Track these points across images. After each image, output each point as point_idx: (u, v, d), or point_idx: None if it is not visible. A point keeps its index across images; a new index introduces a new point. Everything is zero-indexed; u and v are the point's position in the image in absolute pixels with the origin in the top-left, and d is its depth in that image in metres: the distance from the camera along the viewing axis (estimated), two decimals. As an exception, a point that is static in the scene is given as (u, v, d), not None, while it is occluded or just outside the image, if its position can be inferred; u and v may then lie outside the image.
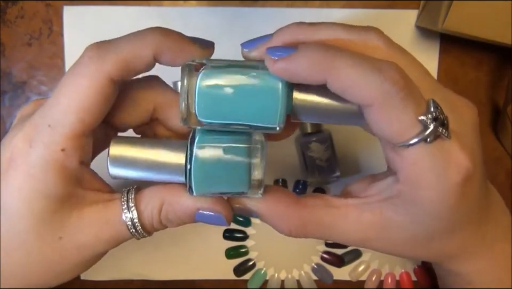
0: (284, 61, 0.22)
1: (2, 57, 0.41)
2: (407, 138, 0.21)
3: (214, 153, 0.24)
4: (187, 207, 0.25)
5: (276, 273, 0.42)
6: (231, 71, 0.22)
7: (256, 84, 0.22)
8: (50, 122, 0.24)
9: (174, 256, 0.42)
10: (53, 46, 0.40)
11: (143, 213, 0.25)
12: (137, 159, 0.25)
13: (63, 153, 0.24)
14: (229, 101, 0.22)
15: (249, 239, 0.42)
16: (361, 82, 0.21)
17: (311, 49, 0.22)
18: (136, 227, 0.25)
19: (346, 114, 0.23)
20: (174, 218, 0.26)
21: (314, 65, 0.21)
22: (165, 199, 0.25)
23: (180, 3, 0.40)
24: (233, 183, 0.24)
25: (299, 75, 0.22)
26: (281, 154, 0.41)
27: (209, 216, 0.25)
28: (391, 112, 0.21)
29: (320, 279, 0.42)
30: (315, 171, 0.39)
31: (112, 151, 0.25)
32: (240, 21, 0.40)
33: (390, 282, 0.42)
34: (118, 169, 0.25)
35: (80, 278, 0.43)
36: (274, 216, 0.26)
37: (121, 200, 0.25)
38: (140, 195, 0.26)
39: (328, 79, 0.21)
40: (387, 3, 0.40)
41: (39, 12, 0.40)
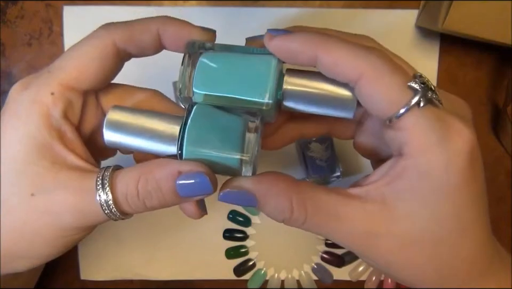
0: (280, 37, 0.23)
1: (2, 57, 0.41)
2: (400, 106, 0.22)
3: (210, 115, 0.24)
4: (167, 172, 0.24)
5: (276, 273, 0.42)
6: (231, 50, 0.25)
7: (251, 60, 0.24)
8: (51, 69, 0.25)
9: (174, 256, 0.42)
10: (53, 46, 0.40)
11: (117, 190, 0.24)
12: (133, 124, 0.25)
13: (51, 97, 0.24)
14: (224, 74, 0.24)
15: (249, 239, 0.42)
16: (350, 56, 0.22)
17: (306, 30, 0.24)
18: (110, 207, 0.24)
19: (337, 101, 0.24)
20: (153, 189, 0.24)
21: (307, 42, 0.23)
22: (143, 172, 0.24)
23: (179, 3, 0.40)
24: (225, 146, 0.24)
25: (292, 51, 0.23)
26: (281, 154, 0.41)
27: (192, 184, 0.24)
28: (380, 81, 0.22)
29: (320, 279, 0.42)
30: (315, 171, 0.39)
31: (110, 114, 0.25)
32: (240, 21, 0.40)
33: (390, 282, 0.42)
34: (113, 133, 0.25)
35: (80, 278, 0.43)
36: (272, 195, 0.25)
37: (96, 177, 0.24)
38: (116, 173, 0.25)
39: (319, 55, 0.23)
40: (387, 3, 0.40)
41: (39, 12, 0.40)
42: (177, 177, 0.24)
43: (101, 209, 0.24)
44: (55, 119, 0.24)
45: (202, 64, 0.24)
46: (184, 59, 0.24)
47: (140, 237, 0.42)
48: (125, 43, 0.25)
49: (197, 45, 0.25)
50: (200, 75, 0.24)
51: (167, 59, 0.29)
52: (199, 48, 0.25)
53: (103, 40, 0.25)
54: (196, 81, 0.24)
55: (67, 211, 0.24)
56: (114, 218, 0.25)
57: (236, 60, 0.24)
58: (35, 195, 0.24)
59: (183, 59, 0.24)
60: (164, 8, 0.40)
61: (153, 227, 0.42)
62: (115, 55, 0.25)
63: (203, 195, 0.24)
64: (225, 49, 0.25)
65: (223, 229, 0.42)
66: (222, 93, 0.24)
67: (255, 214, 0.42)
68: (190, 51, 0.24)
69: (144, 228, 0.42)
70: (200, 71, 0.24)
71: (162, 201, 0.24)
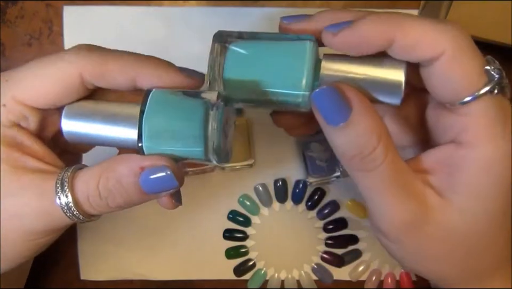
0: (346, 30, 0.22)
1: (2, 57, 0.41)
2: (474, 90, 0.21)
3: (168, 102, 0.23)
4: (129, 168, 0.23)
5: (276, 273, 0.42)
6: (262, 38, 0.23)
7: (283, 46, 0.22)
8: (10, 77, 0.24)
9: (174, 256, 0.42)
10: (53, 46, 0.40)
11: (77, 191, 0.23)
12: (92, 112, 0.24)
13: (2, 108, 0.23)
14: (255, 65, 0.22)
15: (249, 239, 0.42)
16: (432, 33, 0.21)
17: (375, 15, 0.22)
18: (71, 209, 0.23)
19: (383, 87, 0.22)
20: (114, 187, 0.23)
21: (381, 25, 0.21)
22: (103, 169, 0.23)
23: (179, 3, 0.40)
24: (186, 137, 0.22)
25: (363, 40, 0.21)
26: (281, 154, 0.41)
27: (156, 179, 0.23)
28: (461, 60, 0.21)
29: (320, 279, 0.42)
30: (315, 171, 0.39)
31: (68, 105, 0.24)
32: (240, 21, 0.40)
33: (390, 282, 0.42)
34: (71, 121, 0.24)
35: (80, 278, 0.43)
36: (368, 117, 0.22)
37: (56, 179, 0.23)
38: (78, 173, 0.24)
39: (397, 37, 0.21)
40: (387, 4, 0.40)
41: (39, 12, 0.40)
42: (140, 173, 0.23)
43: (61, 211, 0.23)
44: (7, 127, 0.24)
45: (232, 55, 0.22)
46: (213, 50, 0.23)
47: (139, 237, 0.42)
48: (94, 78, 0.24)
49: (225, 34, 0.23)
50: (231, 66, 0.22)
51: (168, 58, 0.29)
52: (228, 37, 0.23)
53: (70, 68, 0.23)
54: (227, 72, 0.22)
55: (31, 214, 0.23)
56: (78, 220, 0.24)
57: (268, 48, 0.22)
58: (1, 199, 0.23)
59: (212, 49, 0.23)
60: (164, 8, 0.40)
61: (153, 228, 0.42)
62: (80, 85, 0.24)
63: (169, 190, 0.23)
64: (256, 37, 0.23)
65: (223, 229, 0.42)
66: (254, 85, 0.22)
67: (255, 214, 0.42)
68: (218, 40, 0.23)
69: (144, 228, 0.42)
70: (231, 62, 0.22)
71: (127, 199, 0.23)
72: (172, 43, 0.40)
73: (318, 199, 0.41)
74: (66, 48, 0.40)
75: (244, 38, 0.23)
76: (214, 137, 0.22)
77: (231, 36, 0.23)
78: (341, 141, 0.22)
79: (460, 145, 0.22)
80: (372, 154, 0.21)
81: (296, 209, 0.42)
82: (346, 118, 0.21)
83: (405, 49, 0.21)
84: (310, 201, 0.41)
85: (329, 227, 0.42)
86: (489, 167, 0.21)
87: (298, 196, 0.41)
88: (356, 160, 0.22)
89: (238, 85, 0.22)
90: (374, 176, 0.22)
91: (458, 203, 0.22)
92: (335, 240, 0.42)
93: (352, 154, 0.22)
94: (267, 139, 0.41)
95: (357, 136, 0.21)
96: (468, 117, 0.21)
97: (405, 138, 0.27)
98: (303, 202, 0.42)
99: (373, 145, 0.21)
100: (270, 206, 0.42)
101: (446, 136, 0.23)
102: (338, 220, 0.42)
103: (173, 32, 0.40)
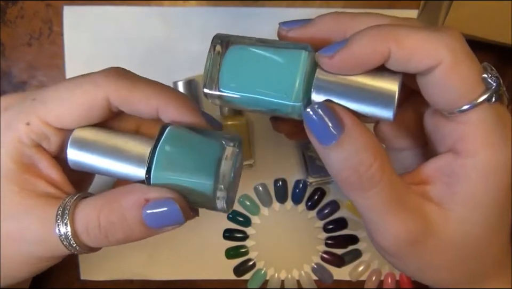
0: (342, 50, 0.21)
1: (2, 57, 0.41)
2: (471, 99, 0.20)
3: (184, 138, 0.23)
4: (134, 201, 0.22)
5: (276, 273, 0.42)
6: (260, 44, 0.23)
7: (280, 55, 0.22)
8: (37, 96, 0.24)
9: (174, 256, 0.42)
10: (53, 46, 0.40)
11: (77, 221, 0.22)
12: (100, 143, 0.24)
13: (26, 127, 0.24)
14: (250, 71, 0.22)
15: (249, 239, 0.42)
16: (428, 43, 0.20)
17: (367, 30, 0.21)
18: (68, 239, 0.22)
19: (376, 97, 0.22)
20: (117, 219, 0.22)
21: (376, 40, 0.21)
22: (106, 201, 0.23)
23: (179, 3, 0.40)
24: (197, 171, 0.22)
25: (360, 57, 0.21)
26: (281, 154, 0.41)
27: (160, 213, 0.22)
28: (459, 69, 0.20)
29: (320, 279, 0.42)
30: (315, 171, 0.39)
31: (75, 132, 0.24)
32: (240, 21, 0.40)
33: (390, 282, 0.42)
34: (77, 151, 0.24)
35: (80, 278, 0.43)
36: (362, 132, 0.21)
37: (58, 206, 0.23)
38: (80, 202, 0.23)
39: (393, 48, 0.21)
40: (387, 3, 0.40)
41: (39, 12, 0.40)
42: (144, 206, 0.22)
43: (59, 240, 0.22)
44: (27, 147, 0.24)
45: (228, 60, 0.22)
46: (210, 53, 0.23)
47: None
48: (119, 103, 0.24)
49: (224, 37, 0.23)
50: (226, 71, 0.22)
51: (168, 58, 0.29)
52: (227, 40, 0.23)
53: (97, 91, 0.23)
54: (222, 78, 0.22)
55: (30, 239, 0.23)
56: (75, 251, 0.23)
57: (264, 56, 0.22)
58: (2, 220, 0.23)
59: (209, 52, 0.23)
60: (164, 8, 0.40)
61: (153, 227, 0.42)
62: (105, 108, 0.24)
63: (173, 225, 0.23)
64: (254, 43, 0.23)
65: (223, 229, 0.42)
66: (248, 92, 0.22)
67: (255, 214, 0.42)
68: (216, 43, 0.23)
69: (144, 228, 0.42)
70: (226, 68, 0.22)
71: (128, 233, 0.23)
72: (172, 43, 0.40)
73: (318, 199, 0.41)
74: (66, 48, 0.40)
75: (243, 43, 0.23)
76: (226, 174, 0.22)
77: (230, 39, 0.23)
78: (335, 160, 0.21)
79: (458, 154, 0.22)
80: (368, 172, 0.21)
81: (296, 209, 0.42)
82: (338, 136, 0.21)
83: (401, 61, 0.21)
84: (310, 201, 0.41)
85: (329, 227, 0.42)
86: (488, 175, 0.21)
87: (298, 196, 0.41)
88: (352, 179, 0.21)
89: (233, 89, 0.22)
90: (372, 196, 0.21)
91: (458, 213, 0.22)
92: (335, 240, 0.42)
93: (347, 173, 0.21)
94: (267, 139, 0.41)
95: (351, 153, 0.21)
96: (466, 125, 0.21)
97: (402, 141, 0.27)
98: (303, 202, 0.42)
99: (369, 163, 0.21)
100: (270, 206, 0.42)
101: (443, 143, 0.23)
102: (338, 220, 0.42)
103: (173, 32, 0.40)
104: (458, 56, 0.20)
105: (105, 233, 0.23)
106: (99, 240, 0.23)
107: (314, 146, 0.22)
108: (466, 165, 0.22)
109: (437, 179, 0.23)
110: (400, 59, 0.21)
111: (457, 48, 0.20)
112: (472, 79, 0.21)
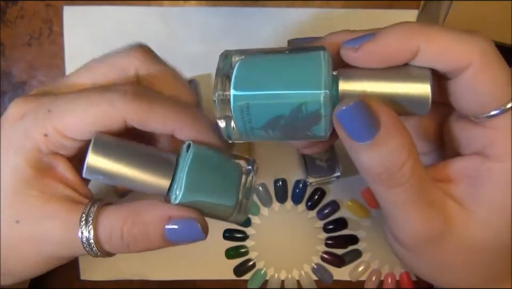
0: (368, 43, 0.20)
1: (2, 57, 0.41)
2: (504, 101, 0.20)
3: (207, 159, 0.23)
4: (157, 216, 0.23)
5: (276, 273, 0.42)
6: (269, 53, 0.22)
7: (295, 58, 0.21)
8: (52, 108, 0.24)
9: (174, 256, 0.42)
10: (53, 46, 0.40)
11: (101, 228, 0.23)
12: (122, 152, 0.23)
13: (43, 138, 0.24)
14: (267, 72, 0.21)
15: (249, 239, 0.42)
16: (459, 43, 0.20)
17: (396, 25, 0.21)
18: (90, 244, 0.23)
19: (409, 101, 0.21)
20: (139, 233, 0.23)
21: (405, 35, 0.20)
22: (130, 213, 0.23)
23: (180, 3, 0.40)
24: (222, 194, 0.23)
25: (388, 53, 0.20)
26: (281, 154, 0.41)
27: (181, 228, 0.23)
28: (489, 73, 0.20)
29: (320, 279, 0.42)
30: (315, 171, 0.39)
31: (91, 159, 0.23)
32: (240, 21, 0.40)
33: (390, 282, 0.42)
34: (99, 157, 0.23)
35: (80, 278, 0.43)
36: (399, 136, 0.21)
37: (82, 212, 0.23)
38: (103, 209, 0.24)
39: (423, 45, 0.20)
40: (387, 3, 0.40)
41: (39, 12, 0.40)
42: (167, 222, 0.23)
43: (81, 244, 0.23)
44: (45, 154, 0.24)
45: (242, 63, 0.21)
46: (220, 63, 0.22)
47: (139, 237, 0.42)
48: (136, 124, 0.24)
49: (231, 52, 0.22)
50: (241, 73, 0.21)
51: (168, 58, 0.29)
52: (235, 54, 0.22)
53: (114, 112, 0.23)
54: (236, 80, 0.21)
55: (51, 241, 0.24)
56: (95, 255, 0.24)
57: (279, 59, 0.21)
58: (20, 223, 0.24)
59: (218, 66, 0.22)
60: (164, 8, 0.40)
61: (153, 227, 0.42)
62: (121, 126, 0.24)
63: (192, 241, 0.24)
64: (264, 52, 0.22)
65: (223, 229, 0.42)
66: (268, 90, 0.20)
67: (255, 214, 0.42)
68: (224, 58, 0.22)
69: (144, 228, 0.42)
70: (241, 70, 0.21)
71: (148, 245, 0.24)
72: (172, 43, 0.40)
73: (318, 199, 0.41)
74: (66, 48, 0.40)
75: (252, 54, 0.22)
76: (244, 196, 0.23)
77: (238, 54, 0.22)
78: (368, 159, 0.21)
79: (487, 158, 0.22)
80: (400, 171, 0.21)
81: (296, 209, 0.42)
82: (374, 134, 0.20)
83: (431, 57, 0.20)
84: (310, 201, 0.41)
85: (329, 228, 0.42)
86: None
87: (298, 196, 0.41)
88: (383, 176, 0.21)
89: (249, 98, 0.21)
90: (400, 192, 0.21)
91: (482, 216, 0.22)
92: (335, 240, 0.42)
93: (379, 170, 0.21)
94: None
95: (386, 154, 0.20)
96: (495, 131, 0.21)
97: (420, 145, 0.26)
98: (303, 202, 0.42)
99: (402, 162, 0.20)
100: (270, 206, 0.42)
101: (469, 148, 0.23)
102: (338, 220, 0.42)
103: (173, 32, 0.40)
104: (488, 60, 0.20)
105: (127, 244, 0.24)
106: (120, 248, 0.24)
107: (343, 141, 0.21)
108: (494, 169, 0.21)
109: (460, 179, 0.23)
110: (430, 56, 0.20)
111: (488, 51, 0.20)
112: (501, 83, 0.20)
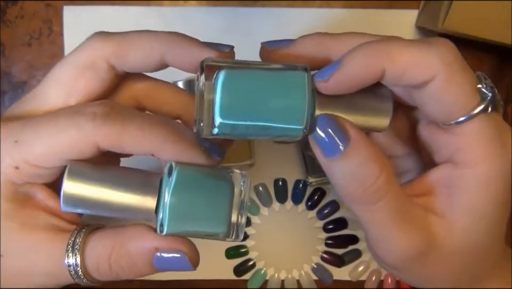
0: (336, 73, 0.21)
1: (2, 57, 0.41)
2: (467, 110, 0.20)
3: (194, 182, 0.22)
4: (144, 248, 0.22)
5: (276, 273, 0.42)
6: (250, 67, 0.21)
7: (279, 77, 0.21)
8: (19, 138, 0.22)
9: (174, 256, 0.42)
10: (53, 46, 0.40)
11: (87, 258, 0.23)
12: (98, 199, 0.22)
13: (15, 170, 0.23)
14: (250, 98, 0.21)
15: (249, 239, 0.42)
16: (421, 57, 0.20)
17: (359, 48, 0.21)
18: (78, 273, 0.23)
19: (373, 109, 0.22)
20: (127, 264, 0.23)
21: (370, 58, 0.21)
22: (116, 243, 0.23)
23: (180, 3, 0.40)
24: (211, 221, 0.22)
25: (355, 78, 0.21)
26: (281, 154, 0.41)
27: (169, 259, 0.22)
28: (454, 81, 0.20)
29: (320, 279, 0.42)
30: (315, 171, 0.39)
31: (66, 187, 0.22)
32: (240, 21, 0.40)
33: (390, 282, 0.42)
34: (72, 208, 0.22)
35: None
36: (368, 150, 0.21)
37: (67, 242, 0.23)
38: (89, 238, 0.23)
39: (387, 66, 0.20)
40: (387, 3, 0.40)
41: (39, 12, 0.40)
42: (155, 256, 0.23)
43: (68, 273, 0.23)
44: (20, 185, 0.23)
45: (223, 87, 0.20)
46: (199, 83, 0.21)
47: (139, 237, 0.42)
48: (110, 148, 0.22)
49: (209, 62, 0.21)
50: (223, 101, 0.20)
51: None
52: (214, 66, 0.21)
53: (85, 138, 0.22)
54: (221, 109, 0.20)
55: (38, 273, 0.23)
56: (83, 284, 0.24)
57: (262, 79, 0.21)
58: (4, 257, 0.23)
59: (197, 82, 0.21)
60: (164, 8, 0.40)
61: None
62: (94, 150, 0.22)
63: (181, 270, 0.23)
64: (244, 66, 0.21)
65: (223, 229, 0.42)
66: (252, 121, 0.20)
67: (255, 214, 0.42)
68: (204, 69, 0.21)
69: (144, 228, 0.42)
70: (223, 96, 0.20)
71: (138, 274, 0.23)
72: (172, 43, 0.40)
73: (318, 199, 0.41)
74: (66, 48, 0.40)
75: (232, 68, 0.21)
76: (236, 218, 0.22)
77: (217, 65, 0.21)
78: (341, 173, 0.21)
79: (457, 165, 0.22)
80: (374, 185, 0.21)
81: (296, 209, 0.42)
82: (344, 147, 0.21)
83: (396, 77, 0.21)
84: (310, 201, 0.41)
85: (329, 227, 0.42)
86: (487, 185, 0.21)
87: (298, 196, 0.41)
88: (358, 192, 0.21)
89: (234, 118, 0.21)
90: (378, 209, 0.21)
91: (460, 224, 0.22)
92: (335, 240, 0.42)
93: (353, 186, 0.21)
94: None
95: (357, 166, 0.21)
96: (463, 137, 0.21)
97: (396, 149, 0.27)
98: (303, 202, 0.42)
99: (375, 175, 0.21)
100: (270, 206, 0.42)
101: (440, 154, 0.23)
102: (338, 220, 0.42)
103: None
104: (452, 69, 0.20)
105: (116, 273, 0.23)
106: (109, 277, 0.23)
107: (318, 159, 0.22)
108: (465, 176, 0.22)
109: (438, 190, 0.23)
110: (394, 76, 0.21)
111: (450, 60, 0.20)
112: (467, 90, 0.21)
